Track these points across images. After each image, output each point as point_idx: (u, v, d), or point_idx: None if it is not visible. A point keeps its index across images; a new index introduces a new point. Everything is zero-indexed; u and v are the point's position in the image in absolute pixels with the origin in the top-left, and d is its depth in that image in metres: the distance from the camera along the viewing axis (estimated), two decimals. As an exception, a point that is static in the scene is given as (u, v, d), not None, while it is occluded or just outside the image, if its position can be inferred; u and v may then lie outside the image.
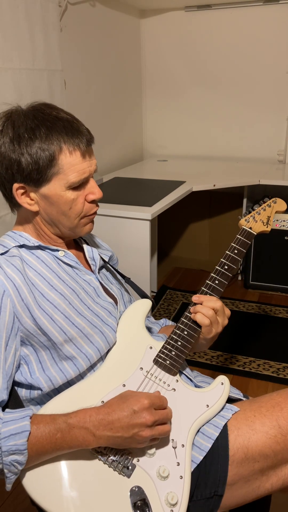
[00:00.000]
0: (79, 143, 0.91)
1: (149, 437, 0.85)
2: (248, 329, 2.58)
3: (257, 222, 1.08)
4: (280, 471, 0.96)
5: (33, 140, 0.88)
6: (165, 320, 1.27)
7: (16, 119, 0.91)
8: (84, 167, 0.93)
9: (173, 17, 3.21)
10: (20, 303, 0.89)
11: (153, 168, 3.15)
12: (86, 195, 0.97)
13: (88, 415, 0.84)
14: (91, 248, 1.08)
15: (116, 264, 1.24)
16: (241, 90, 3.20)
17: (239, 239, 1.07)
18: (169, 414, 0.89)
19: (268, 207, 1.10)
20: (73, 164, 0.91)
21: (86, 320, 0.97)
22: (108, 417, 0.84)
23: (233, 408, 0.99)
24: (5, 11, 1.85)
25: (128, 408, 0.84)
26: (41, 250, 0.99)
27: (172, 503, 0.85)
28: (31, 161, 0.89)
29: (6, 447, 0.79)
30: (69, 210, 0.95)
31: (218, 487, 0.93)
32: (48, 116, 0.91)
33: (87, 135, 0.94)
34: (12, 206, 0.99)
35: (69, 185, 0.92)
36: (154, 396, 0.89)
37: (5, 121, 0.91)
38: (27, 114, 0.91)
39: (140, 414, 0.84)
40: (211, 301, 1.00)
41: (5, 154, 0.90)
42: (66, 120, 0.92)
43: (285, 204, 1.12)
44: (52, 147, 0.89)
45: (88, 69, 2.66)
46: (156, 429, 0.86)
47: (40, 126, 0.89)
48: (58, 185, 0.92)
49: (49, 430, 0.82)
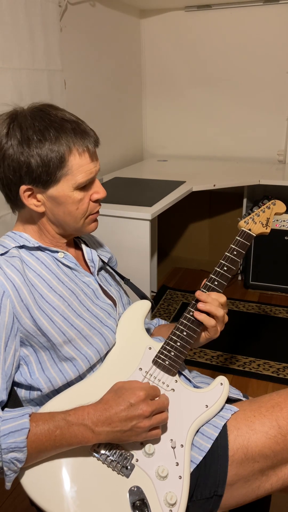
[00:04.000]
0: (87, 144, 0.92)
1: (148, 427, 0.86)
2: (248, 329, 2.58)
3: (256, 224, 1.09)
4: (280, 471, 0.96)
5: (43, 142, 0.88)
6: (158, 320, 1.27)
7: (22, 121, 0.90)
8: (91, 168, 0.94)
9: (173, 17, 3.21)
10: (19, 304, 0.89)
11: (153, 168, 3.15)
12: (91, 194, 0.97)
13: (86, 412, 0.85)
14: (90, 250, 1.08)
15: (115, 266, 1.24)
16: (241, 90, 3.20)
17: (238, 241, 1.07)
18: (165, 402, 0.90)
19: (267, 209, 1.10)
20: (82, 164, 0.92)
21: (85, 321, 0.97)
22: (105, 413, 0.84)
23: (233, 408, 1.00)
24: (5, 11, 1.85)
25: (125, 402, 0.85)
26: (41, 251, 0.99)
27: (171, 503, 0.85)
28: (41, 163, 0.89)
29: (5, 444, 0.80)
30: (76, 210, 0.96)
31: (218, 487, 0.93)
32: (55, 118, 0.91)
33: (93, 136, 0.95)
34: (14, 207, 0.99)
35: (77, 185, 0.93)
36: (148, 386, 0.89)
37: (10, 123, 0.91)
38: (33, 116, 0.91)
39: (137, 406, 0.85)
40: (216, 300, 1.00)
41: (14, 156, 0.89)
42: (73, 121, 0.93)
43: (284, 206, 1.12)
44: (62, 149, 0.89)
45: (88, 69, 2.66)
46: (153, 418, 0.87)
47: (48, 128, 0.89)
48: (66, 186, 0.92)
49: (48, 427, 0.83)
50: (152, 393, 0.89)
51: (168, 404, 0.92)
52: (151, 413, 0.86)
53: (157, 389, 0.91)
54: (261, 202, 1.12)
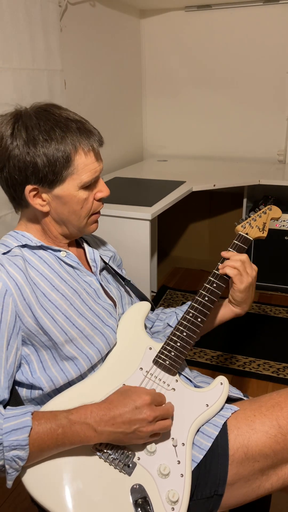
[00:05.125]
0: (93, 143, 0.93)
1: (150, 433, 0.86)
2: (248, 329, 2.58)
3: (253, 228, 1.11)
4: (280, 470, 0.96)
5: (49, 142, 0.89)
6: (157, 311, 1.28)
7: (28, 121, 0.90)
8: (96, 167, 0.95)
9: (173, 17, 3.21)
10: (22, 303, 0.90)
11: (153, 168, 3.15)
12: (95, 193, 0.98)
13: (89, 410, 0.85)
14: (92, 249, 1.09)
15: (120, 265, 1.25)
16: (241, 90, 3.20)
17: (236, 244, 1.09)
18: (170, 410, 0.90)
19: (264, 214, 1.13)
20: (87, 164, 0.93)
21: (87, 321, 0.97)
22: (109, 413, 0.84)
23: (233, 407, 1.00)
24: (5, 11, 1.85)
25: (130, 404, 0.85)
26: (43, 250, 0.99)
27: (173, 500, 0.85)
28: (47, 163, 0.89)
29: (7, 442, 0.80)
30: (81, 210, 0.96)
31: (218, 487, 0.93)
32: (59, 117, 0.91)
33: (98, 135, 0.96)
34: (17, 207, 0.99)
35: (82, 184, 0.93)
36: (154, 392, 0.90)
37: (15, 123, 0.91)
38: (38, 116, 0.91)
39: (141, 410, 0.85)
40: (236, 255, 1.07)
41: (20, 157, 0.89)
42: (78, 121, 0.93)
43: (280, 212, 1.15)
44: (68, 148, 0.90)
45: (88, 69, 2.66)
46: (157, 424, 0.87)
47: (54, 127, 0.90)
48: (72, 185, 0.93)
49: (51, 425, 0.83)
50: (158, 399, 0.89)
51: (172, 412, 0.92)
52: (154, 419, 0.86)
53: (163, 396, 0.92)
54: (258, 207, 1.15)
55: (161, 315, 1.25)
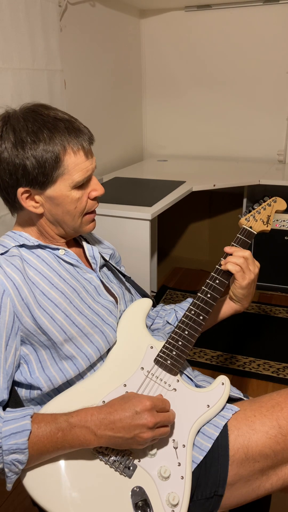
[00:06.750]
0: (82, 142, 0.92)
1: (150, 439, 0.85)
2: (248, 329, 2.58)
3: (257, 221, 1.08)
4: (280, 471, 0.96)
5: (37, 143, 0.88)
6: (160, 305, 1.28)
7: (15, 123, 0.90)
8: (87, 165, 0.94)
9: (173, 17, 3.21)
10: (20, 303, 0.89)
11: (153, 168, 3.15)
12: (89, 192, 0.98)
13: (90, 414, 0.84)
14: (91, 246, 1.09)
15: (119, 262, 1.25)
16: (241, 90, 3.20)
17: (239, 239, 1.07)
18: (171, 417, 0.89)
19: (268, 206, 1.10)
20: (77, 163, 0.92)
21: (87, 319, 0.97)
22: (109, 417, 0.84)
23: (234, 408, 1.00)
24: (5, 11, 1.85)
25: (130, 409, 0.84)
26: (41, 249, 0.99)
27: (173, 503, 0.85)
28: (36, 165, 0.89)
29: (6, 446, 0.79)
30: (74, 209, 0.96)
31: (218, 487, 0.93)
32: (47, 117, 0.91)
33: (88, 133, 0.95)
34: (12, 210, 0.99)
35: (74, 184, 0.93)
36: (157, 398, 0.89)
37: (3, 126, 0.91)
38: (26, 117, 0.91)
39: (141, 415, 0.84)
40: (239, 251, 1.05)
41: (9, 159, 0.89)
42: (66, 120, 0.92)
43: (285, 203, 1.12)
44: (56, 148, 0.89)
45: (88, 69, 2.66)
46: (157, 431, 0.86)
47: (42, 128, 0.89)
48: (63, 185, 0.92)
49: (50, 429, 0.82)
50: (160, 405, 0.88)
51: (173, 420, 0.91)
52: (154, 425, 0.85)
53: (166, 402, 0.90)
54: (262, 199, 1.12)
55: (161, 312, 1.25)
